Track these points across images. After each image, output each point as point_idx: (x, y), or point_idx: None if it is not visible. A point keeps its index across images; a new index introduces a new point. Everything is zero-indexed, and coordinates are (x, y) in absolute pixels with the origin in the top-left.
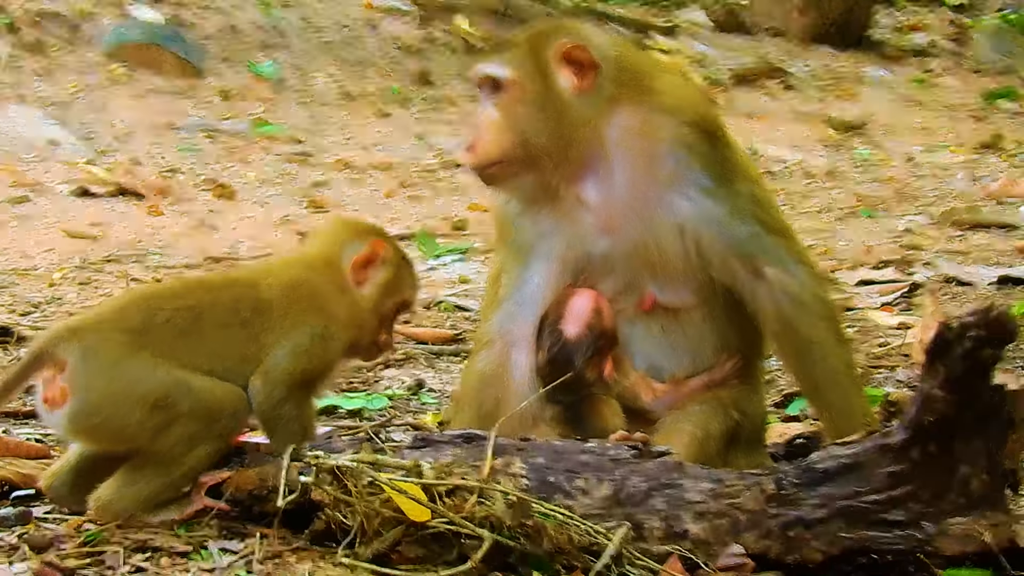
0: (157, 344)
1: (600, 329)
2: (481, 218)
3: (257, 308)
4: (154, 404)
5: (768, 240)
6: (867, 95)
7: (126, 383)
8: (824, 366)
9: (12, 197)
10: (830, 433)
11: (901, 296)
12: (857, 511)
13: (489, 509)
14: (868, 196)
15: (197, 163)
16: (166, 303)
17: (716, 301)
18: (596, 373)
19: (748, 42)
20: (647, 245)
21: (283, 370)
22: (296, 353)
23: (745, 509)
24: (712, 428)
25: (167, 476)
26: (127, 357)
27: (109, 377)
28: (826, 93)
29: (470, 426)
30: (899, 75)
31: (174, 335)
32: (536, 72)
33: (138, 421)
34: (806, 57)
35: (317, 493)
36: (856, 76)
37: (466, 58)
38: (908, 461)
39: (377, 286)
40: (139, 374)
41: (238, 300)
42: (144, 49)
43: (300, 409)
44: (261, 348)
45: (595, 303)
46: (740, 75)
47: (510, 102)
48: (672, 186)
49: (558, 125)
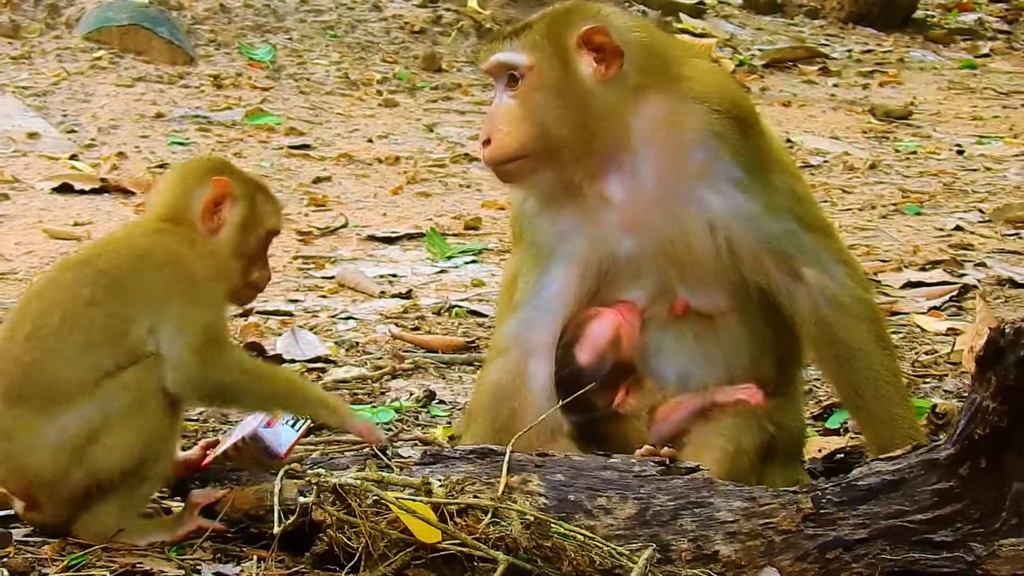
0: (35, 396)
1: (614, 359)
2: (496, 216)
3: (111, 289)
4: (71, 458)
5: (806, 238)
6: (912, 80)
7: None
8: (866, 374)
9: None
10: (873, 447)
11: (950, 300)
12: (901, 531)
13: (504, 530)
14: (914, 191)
15: (188, 156)
16: (14, 348)
17: (752, 305)
18: (606, 401)
19: (782, 23)
20: (675, 244)
21: (189, 342)
22: (187, 320)
23: (780, 529)
24: (745, 442)
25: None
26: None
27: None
28: (868, 79)
29: (484, 440)
30: (946, 58)
31: (40, 374)
32: (556, 58)
33: (73, 476)
34: (846, 39)
35: (318, 513)
36: (900, 60)
37: (477, 41)
38: (956, 477)
39: (234, 226)
40: (40, 439)
41: (90, 302)
42: (130, 33)
43: (231, 360)
44: (130, 324)
45: (614, 332)
46: (774, 59)
47: (528, 91)
48: (702, 179)
49: (580, 115)
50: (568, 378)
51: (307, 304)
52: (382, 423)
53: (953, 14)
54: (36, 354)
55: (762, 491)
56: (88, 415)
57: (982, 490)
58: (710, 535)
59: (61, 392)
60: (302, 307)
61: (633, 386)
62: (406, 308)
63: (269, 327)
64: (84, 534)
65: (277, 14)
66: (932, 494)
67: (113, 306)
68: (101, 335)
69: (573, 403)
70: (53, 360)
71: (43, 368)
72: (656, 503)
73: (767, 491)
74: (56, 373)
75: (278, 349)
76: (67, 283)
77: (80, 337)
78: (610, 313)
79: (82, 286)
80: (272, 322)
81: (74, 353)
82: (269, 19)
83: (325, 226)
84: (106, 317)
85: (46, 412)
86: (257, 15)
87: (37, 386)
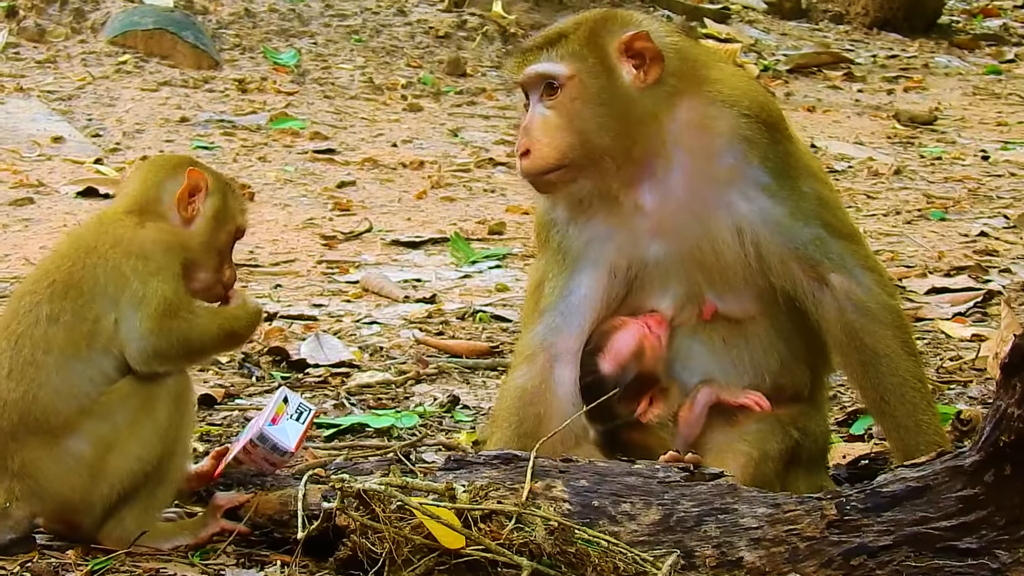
0: (38, 429)
1: (637, 370)
2: (520, 221)
3: (65, 296)
4: (93, 476)
5: (833, 244)
6: (937, 86)
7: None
8: (892, 380)
9: (14, 199)
10: (897, 453)
11: (975, 306)
12: (926, 538)
13: (528, 535)
14: (939, 196)
15: (213, 161)
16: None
17: (780, 310)
18: (630, 410)
19: (807, 28)
20: (703, 248)
21: (148, 315)
22: (144, 295)
23: (804, 536)
24: (770, 448)
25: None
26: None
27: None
28: (893, 84)
29: (508, 446)
30: (971, 64)
31: (34, 408)
32: (598, 67)
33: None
34: (870, 44)
35: (342, 519)
36: (925, 65)
37: (502, 46)
38: (981, 484)
39: (207, 218)
40: (58, 467)
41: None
42: (155, 37)
43: (192, 326)
44: (96, 322)
45: (639, 343)
46: (799, 64)
47: (567, 101)
48: (731, 184)
49: (622, 122)
50: (591, 386)
51: (331, 309)
52: (406, 428)
53: (978, 19)
54: (22, 389)
55: (786, 497)
56: (97, 431)
57: (1007, 497)
58: (734, 541)
59: (61, 418)
60: (326, 312)
61: (658, 396)
62: (430, 313)
63: (293, 332)
64: (107, 540)
65: (302, 18)
66: (957, 501)
67: (73, 311)
68: (72, 346)
69: (596, 411)
70: (39, 390)
71: (34, 401)
72: (680, 509)
73: (791, 497)
74: (48, 402)
75: (302, 354)
76: (25, 310)
77: (55, 357)
78: (635, 324)
79: (39, 306)
80: (296, 326)
81: (56, 376)
82: (294, 23)
83: (349, 230)
84: (70, 327)
85: (55, 441)
86: (282, 19)
87: (36, 419)
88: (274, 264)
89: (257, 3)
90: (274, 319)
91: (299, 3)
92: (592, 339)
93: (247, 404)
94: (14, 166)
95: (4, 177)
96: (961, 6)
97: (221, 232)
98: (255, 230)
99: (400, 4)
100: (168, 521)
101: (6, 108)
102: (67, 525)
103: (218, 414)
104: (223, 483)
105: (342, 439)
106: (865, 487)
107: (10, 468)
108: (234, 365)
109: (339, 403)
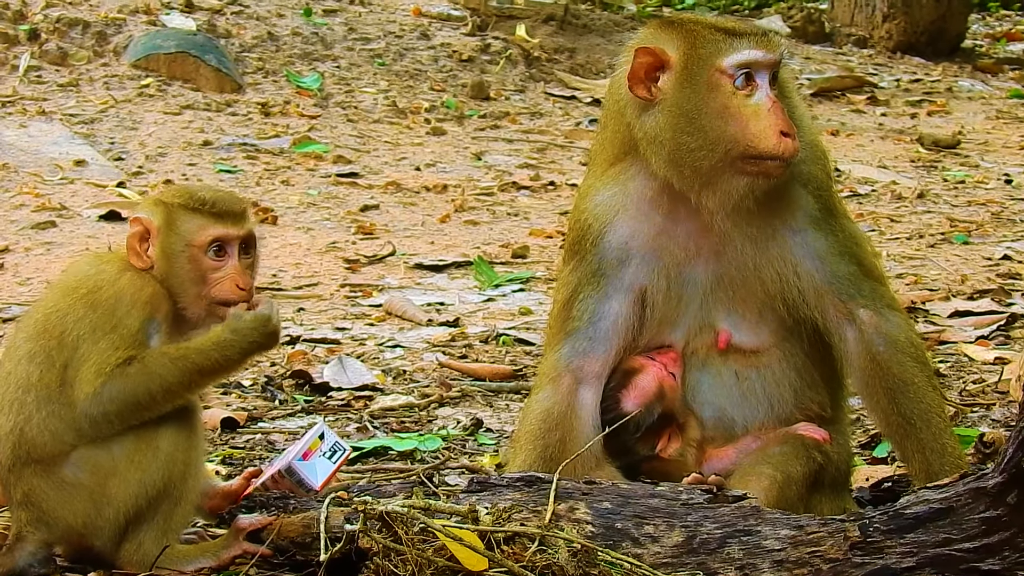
0: (32, 460)
1: (659, 409)
2: (543, 245)
3: (41, 336)
4: (95, 501)
5: (864, 283)
6: (960, 110)
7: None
8: (920, 406)
9: (36, 222)
10: (920, 476)
11: (998, 329)
12: (949, 559)
13: (551, 557)
14: (962, 220)
15: (235, 185)
16: None
17: (794, 341)
18: (649, 447)
19: (831, 52)
20: (745, 274)
21: (94, 374)
22: (95, 353)
23: (828, 558)
24: (793, 471)
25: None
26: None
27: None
28: (916, 108)
29: (531, 468)
30: (995, 88)
31: (23, 441)
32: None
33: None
34: (894, 68)
35: (365, 541)
36: (949, 89)
37: (526, 70)
38: (1004, 506)
39: (160, 258)
40: (59, 493)
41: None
42: (177, 60)
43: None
44: (64, 369)
45: (659, 384)
46: (822, 88)
47: (778, 96)
48: (783, 213)
49: None
50: (611, 423)
51: (354, 332)
52: (430, 451)
53: (1002, 44)
54: (10, 424)
55: (809, 519)
56: (95, 459)
57: None
58: (757, 563)
59: (48, 451)
60: (349, 335)
61: (675, 432)
62: (453, 336)
63: (316, 355)
64: (128, 563)
65: (325, 42)
66: (980, 522)
67: (45, 353)
68: (46, 388)
69: (617, 447)
70: (25, 425)
71: (21, 434)
72: (703, 531)
73: (814, 519)
74: (32, 437)
75: (325, 377)
76: (15, 345)
77: (33, 396)
78: (653, 367)
79: (24, 343)
80: (319, 350)
81: (37, 414)
82: (317, 47)
83: (373, 254)
84: (44, 369)
85: (50, 470)
86: (305, 43)
87: (27, 452)
88: (297, 288)
89: (280, 26)
90: (297, 342)
91: (322, 27)
92: (616, 374)
93: (270, 427)
94: (36, 189)
95: (26, 200)
96: (984, 30)
97: (181, 260)
98: (277, 254)
99: (424, 28)
100: (189, 543)
101: (28, 131)
102: (82, 547)
103: (241, 437)
104: (246, 505)
105: (365, 462)
106: (888, 509)
107: (14, 498)
108: (257, 388)
109: (362, 426)
